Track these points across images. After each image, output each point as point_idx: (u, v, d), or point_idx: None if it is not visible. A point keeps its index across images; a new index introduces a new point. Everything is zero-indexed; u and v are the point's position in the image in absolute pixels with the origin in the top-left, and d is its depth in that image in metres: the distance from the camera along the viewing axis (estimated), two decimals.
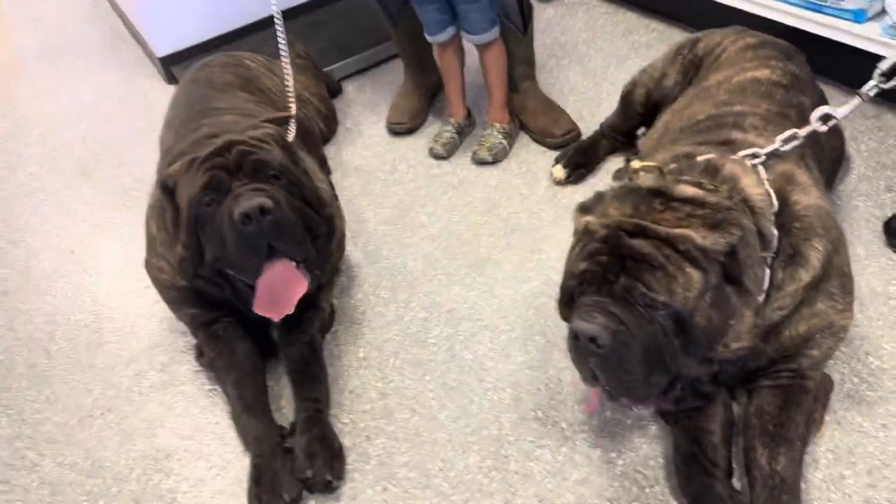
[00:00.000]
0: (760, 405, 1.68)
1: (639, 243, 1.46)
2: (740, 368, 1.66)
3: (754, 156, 1.70)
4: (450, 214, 2.61)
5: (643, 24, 3.45)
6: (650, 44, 3.30)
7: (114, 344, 2.37)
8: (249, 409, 1.96)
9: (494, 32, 2.64)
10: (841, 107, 1.71)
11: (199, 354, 2.23)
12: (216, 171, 1.84)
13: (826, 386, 1.75)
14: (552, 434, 1.85)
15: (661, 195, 1.54)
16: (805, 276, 1.62)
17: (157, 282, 2.20)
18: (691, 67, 2.35)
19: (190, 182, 1.85)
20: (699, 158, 1.70)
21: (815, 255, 1.62)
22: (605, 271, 1.50)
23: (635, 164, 1.73)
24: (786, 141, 1.69)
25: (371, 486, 1.82)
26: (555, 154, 2.75)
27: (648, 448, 1.78)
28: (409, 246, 2.52)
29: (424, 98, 3.12)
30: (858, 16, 2.54)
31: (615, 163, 2.66)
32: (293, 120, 2.37)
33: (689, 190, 1.55)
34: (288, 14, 3.89)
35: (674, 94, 2.36)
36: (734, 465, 1.68)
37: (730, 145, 1.80)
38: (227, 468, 1.93)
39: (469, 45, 2.78)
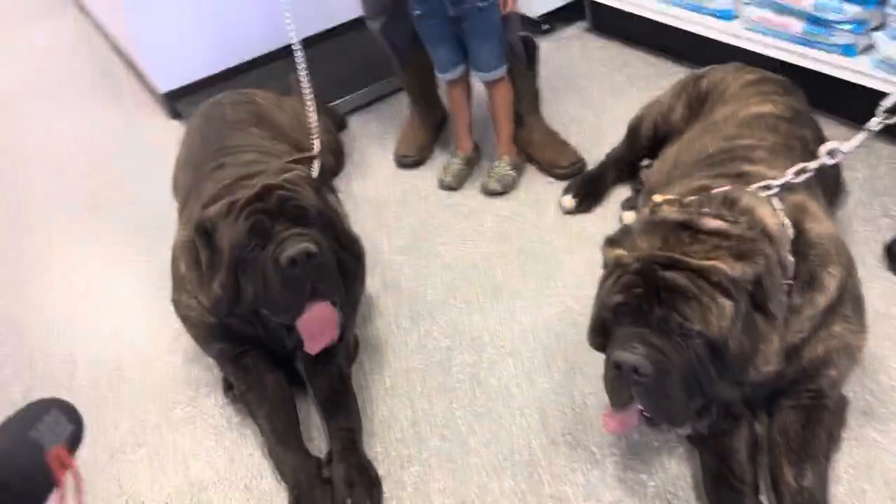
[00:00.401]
0: (784, 424, 1.77)
1: (672, 276, 1.55)
2: (766, 390, 1.75)
3: (767, 187, 1.80)
4: (464, 244, 2.69)
5: (638, 58, 3.58)
6: (647, 77, 3.43)
7: (137, 380, 2.40)
8: (283, 441, 2.00)
9: (502, 70, 2.74)
10: (846, 141, 1.82)
11: (227, 388, 2.27)
12: (259, 217, 1.90)
13: (842, 404, 1.84)
14: (582, 457, 1.92)
15: (688, 228, 1.63)
16: (822, 300, 1.71)
17: (185, 319, 2.24)
18: (696, 102, 2.46)
19: (232, 226, 1.90)
20: (716, 191, 1.80)
21: (831, 280, 1.72)
22: (641, 303, 1.58)
23: (657, 198, 1.82)
24: (797, 174, 1.80)
25: None
26: (562, 184, 2.84)
27: (677, 468, 1.85)
28: (427, 275, 2.59)
29: (431, 132, 3.21)
30: (848, 50, 2.68)
31: (621, 192, 2.76)
32: (317, 159, 2.43)
33: (713, 223, 1.64)
34: (290, 50, 3.98)
35: (680, 128, 2.46)
36: (760, 483, 1.75)
37: (744, 178, 1.90)
38: (265, 499, 1.96)
39: (475, 81, 2.88)
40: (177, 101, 3.87)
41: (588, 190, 2.73)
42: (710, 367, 1.58)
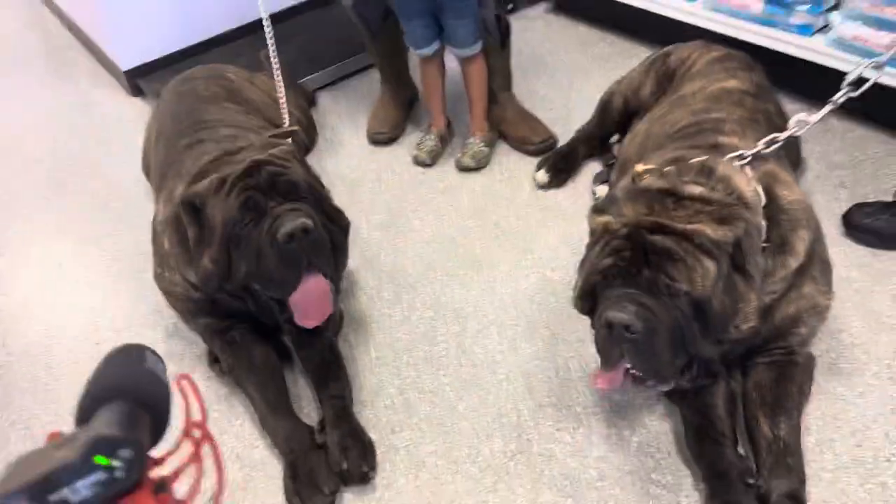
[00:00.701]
0: (758, 380, 1.87)
1: (660, 239, 1.63)
2: (741, 348, 1.85)
3: (740, 157, 1.90)
4: (440, 219, 2.74)
5: (601, 38, 3.66)
6: (609, 56, 3.52)
7: None
8: (275, 410, 2.02)
9: (478, 46, 2.79)
10: (813, 113, 1.93)
11: (213, 361, 2.27)
12: (252, 192, 1.90)
13: (811, 360, 1.96)
14: (568, 418, 2.00)
15: (671, 195, 1.72)
16: (793, 262, 1.82)
17: (169, 294, 2.23)
18: (664, 78, 2.55)
19: (223, 202, 1.91)
20: (693, 161, 1.89)
21: (801, 243, 1.82)
22: (629, 265, 1.66)
23: (639, 167, 1.90)
24: (768, 144, 1.90)
25: (403, 474, 1.92)
26: (534, 160, 2.91)
27: (659, 425, 1.95)
28: (406, 250, 2.63)
29: (403, 109, 3.24)
30: (805, 30, 2.81)
31: (592, 167, 2.85)
32: (295, 134, 2.44)
33: (695, 189, 1.73)
34: (254, 27, 3.95)
35: (649, 103, 2.56)
36: (738, 435, 1.86)
37: (717, 148, 2.00)
38: (259, 468, 1.99)
39: (449, 57, 2.92)
40: (138, 79, 3.80)
41: (560, 165, 2.81)
42: (694, 326, 1.67)
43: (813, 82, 2.83)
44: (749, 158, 1.89)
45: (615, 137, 2.82)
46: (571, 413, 2.01)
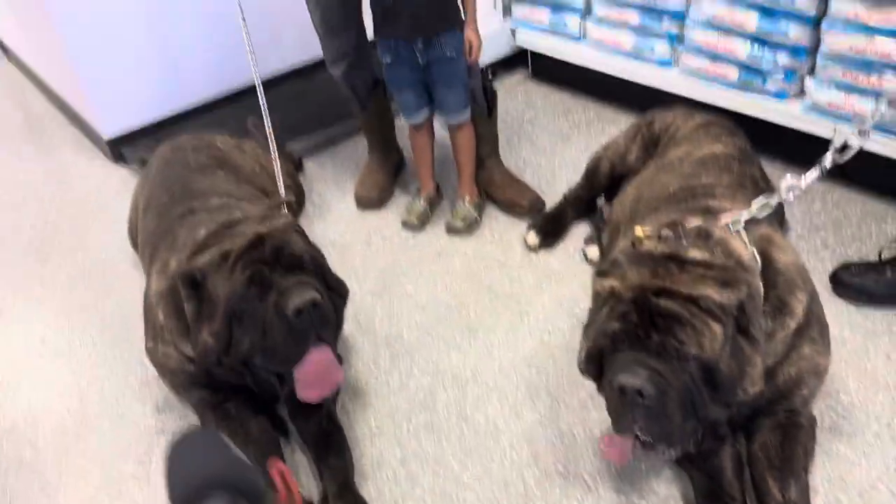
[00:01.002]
0: (764, 442, 1.88)
1: (666, 303, 1.65)
2: (746, 409, 1.86)
3: (736, 221, 1.95)
4: (434, 283, 2.74)
5: (580, 105, 3.76)
6: (589, 122, 3.61)
7: (107, 430, 2.31)
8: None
9: (467, 114, 2.85)
10: (801, 178, 1.99)
11: None
12: (257, 266, 1.88)
13: (813, 421, 1.97)
14: (576, 486, 1.97)
15: (674, 259, 1.75)
16: (792, 324, 1.85)
17: (162, 367, 2.19)
18: (650, 144, 2.63)
19: (227, 277, 1.88)
20: (690, 226, 1.93)
21: (799, 305, 1.86)
22: (637, 330, 1.67)
23: (638, 231, 1.93)
24: (760, 209, 1.96)
25: None
26: (523, 223, 2.94)
27: (667, 490, 1.93)
28: (400, 315, 2.61)
29: (390, 174, 3.27)
30: (781, 95, 2.93)
31: (580, 229, 2.89)
32: (288, 204, 2.45)
33: (697, 254, 1.76)
34: (238, 95, 4.00)
35: (637, 168, 2.62)
36: (747, 498, 1.85)
37: (711, 213, 2.05)
38: None
39: (436, 123, 2.97)
40: (122, 146, 3.79)
41: (550, 227, 2.85)
42: (703, 390, 1.68)
43: (792, 146, 2.95)
44: (743, 223, 1.94)
45: (601, 201, 2.87)
46: (579, 481, 1.99)
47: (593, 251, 2.71)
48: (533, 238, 2.82)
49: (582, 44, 3.61)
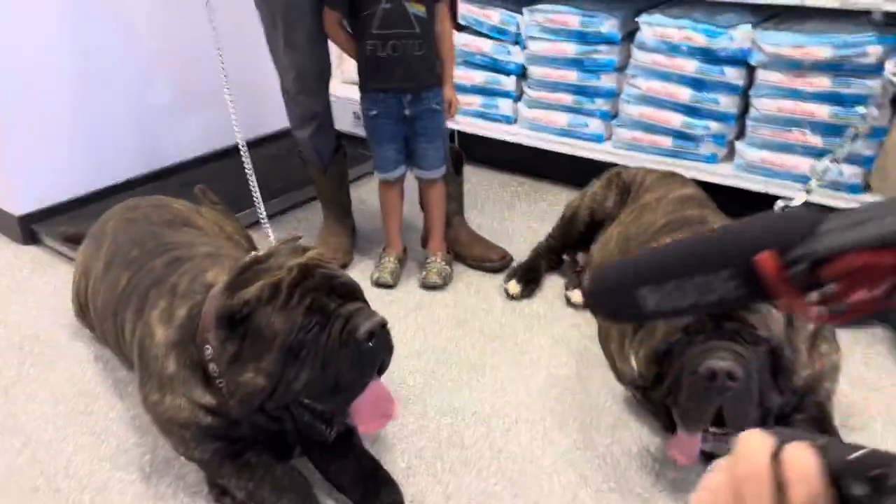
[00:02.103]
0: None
1: None
2: (787, 404, 1.96)
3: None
4: (424, 332, 2.68)
5: (513, 180, 3.95)
6: (528, 193, 3.80)
7: None
8: None
9: (443, 170, 2.92)
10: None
11: (221, 494, 1.97)
12: (315, 295, 1.76)
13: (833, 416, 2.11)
14: (632, 500, 1.94)
15: None
16: (810, 325, 2.02)
17: (170, 421, 1.94)
18: (623, 191, 2.81)
19: (282, 308, 1.73)
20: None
21: None
22: (710, 320, 1.76)
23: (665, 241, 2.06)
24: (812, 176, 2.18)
25: None
26: (495, 276, 3.00)
27: None
28: (398, 364, 2.47)
29: (350, 236, 3.24)
30: (711, 159, 3.27)
31: (553, 280, 2.98)
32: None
33: None
34: (161, 173, 3.83)
35: (614, 214, 2.78)
36: None
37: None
38: None
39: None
40: (34, 224, 3.47)
41: (529, 276, 2.91)
42: (767, 376, 1.77)
43: (729, 202, 3.26)
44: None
45: (566, 257, 3.01)
46: (633, 495, 1.96)
47: (576, 295, 2.80)
48: (514, 286, 2.87)
49: (515, 126, 3.84)
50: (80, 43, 3.44)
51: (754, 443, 0.60)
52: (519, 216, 3.54)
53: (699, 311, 0.83)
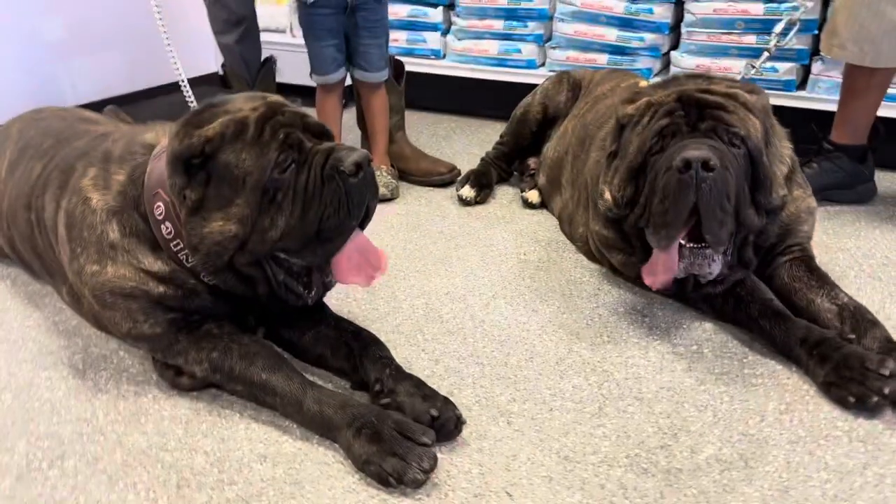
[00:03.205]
0: (791, 272, 1.92)
1: (712, 95, 1.74)
2: (761, 246, 1.90)
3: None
4: (380, 235, 2.48)
5: (446, 118, 3.84)
6: (462, 128, 3.70)
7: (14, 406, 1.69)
8: (310, 384, 1.56)
9: (386, 73, 2.77)
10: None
11: (177, 374, 1.71)
12: (289, 130, 1.55)
13: None
14: (630, 349, 1.84)
15: (700, 77, 1.88)
16: (785, 169, 1.99)
17: (112, 293, 1.69)
18: (575, 87, 2.76)
19: (252, 145, 1.52)
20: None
21: (787, 151, 2.00)
22: (686, 120, 1.73)
23: (642, 83, 2.02)
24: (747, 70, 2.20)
25: (492, 424, 1.57)
26: (443, 190, 2.87)
27: (725, 328, 1.88)
28: None
29: None
30: (646, 73, 3.27)
31: (506, 188, 2.88)
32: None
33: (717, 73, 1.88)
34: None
35: (565, 111, 2.72)
36: None
37: None
38: (299, 460, 1.49)
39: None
40: None
41: (482, 181, 2.79)
42: (745, 185, 1.73)
43: None
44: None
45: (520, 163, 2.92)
46: (631, 343, 1.86)
47: (533, 195, 2.70)
48: (468, 191, 2.74)
49: (445, 60, 3.74)
50: None
51: None
52: (459, 144, 3.44)
53: None
